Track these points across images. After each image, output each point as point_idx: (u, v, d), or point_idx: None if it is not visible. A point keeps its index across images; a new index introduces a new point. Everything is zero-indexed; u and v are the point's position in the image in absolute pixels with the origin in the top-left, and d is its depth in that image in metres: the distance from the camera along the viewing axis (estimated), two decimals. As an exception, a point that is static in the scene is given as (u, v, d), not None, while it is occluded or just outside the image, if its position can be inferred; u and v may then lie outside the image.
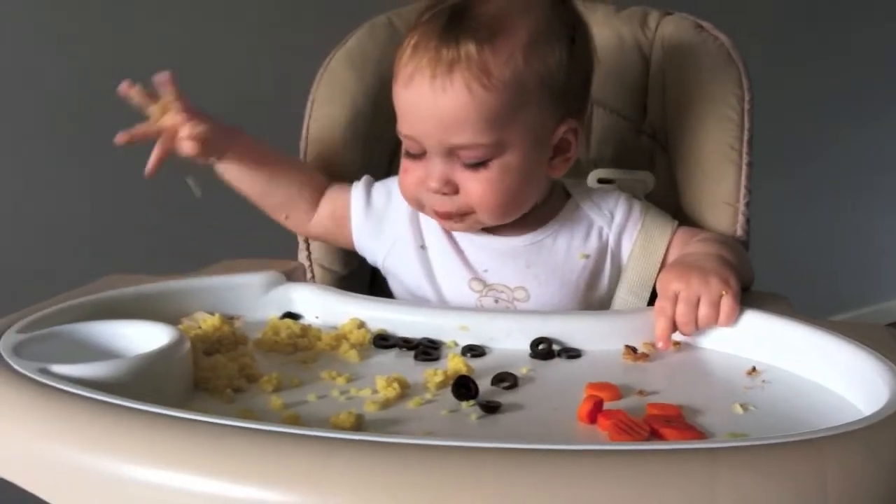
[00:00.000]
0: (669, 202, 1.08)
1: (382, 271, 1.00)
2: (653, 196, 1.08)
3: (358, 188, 1.00)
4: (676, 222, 0.97)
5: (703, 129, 1.03)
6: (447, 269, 0.95)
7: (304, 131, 1.07)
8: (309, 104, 1.08)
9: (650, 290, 0.92)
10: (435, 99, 0.84)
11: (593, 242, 0.94)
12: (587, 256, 0.94)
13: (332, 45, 1.10)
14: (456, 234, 0.95)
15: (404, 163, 0.92)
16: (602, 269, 0.94)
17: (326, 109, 1.07)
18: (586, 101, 0.95)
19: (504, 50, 0.84)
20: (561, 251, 0.94)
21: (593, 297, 0.94)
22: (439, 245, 0.96)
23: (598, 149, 1.11)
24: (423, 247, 0.96)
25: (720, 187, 1.01)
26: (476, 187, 0.88)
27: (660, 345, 0.80)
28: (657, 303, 0.82)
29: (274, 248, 1.01)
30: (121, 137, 0.89)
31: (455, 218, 0.91)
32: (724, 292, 0.79)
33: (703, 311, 0.79)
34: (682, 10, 1.11)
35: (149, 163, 0.90)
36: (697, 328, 0.80)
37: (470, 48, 0.83)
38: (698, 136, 1.03)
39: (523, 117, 0.86)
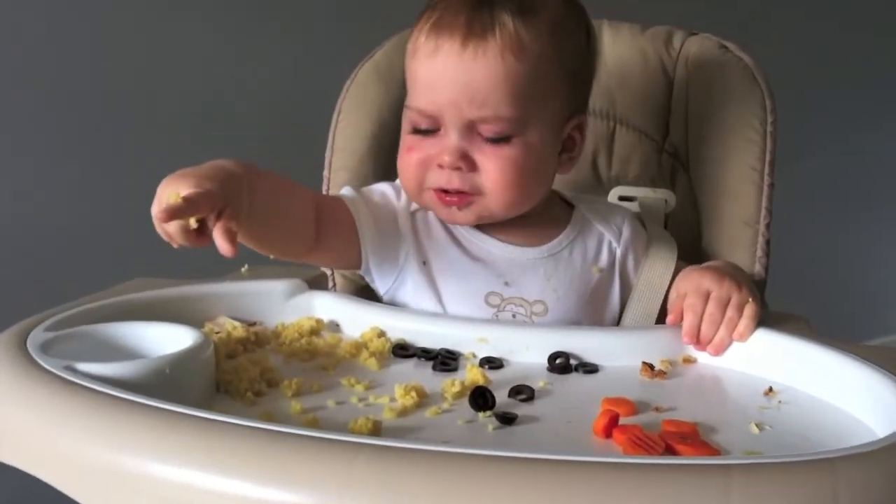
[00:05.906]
0: (690, 221, 1.09)
1: (387, 299, 0.92)
2: (673, 215, 1.08)
3: (354, 202, 0.91)
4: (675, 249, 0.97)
5: (725, 150, 1.03)
6: (458, 285, 0.90)
7: (329, 141, 1.09)
8: (335, 115, 1.09)
9: (657, 314, 0.92)
10: (465, 66, 0.84)
11: (605, 256, 0.94)
12: (601, 270, 0.93)
13: (360, 57, 1.11)
14: (474, 244, 0.91)
15: (409, 140, 0.89)
16: (612, 285, 0.94)
17: (353, 120, 1.08)
18: (587, 102, 0.97)
19: (534, 26, 0.85)
20: (577, 263, 0.93)
21: (604, 313, 0.93)
22: (449, 260, 0.91)
23: (619, 166, 1.11)
24: (424, 263, 0.91)
25: (741, 208, 1.01)
26: (495, 165, 0.85)
27: (686, 339, 0.81)
28: (687, 300, 0.83)
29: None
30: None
31: (460, 200, 0.87)
32: (750, 299, 0.81)
33: (730, 313, 0.81)
34: (707, 30, 1.12)
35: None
36: (717, 331, 0.81)
37: (505, 18, 0.84)
38: (720, 156, 1.04)
39: (546, 97, 0.87)
